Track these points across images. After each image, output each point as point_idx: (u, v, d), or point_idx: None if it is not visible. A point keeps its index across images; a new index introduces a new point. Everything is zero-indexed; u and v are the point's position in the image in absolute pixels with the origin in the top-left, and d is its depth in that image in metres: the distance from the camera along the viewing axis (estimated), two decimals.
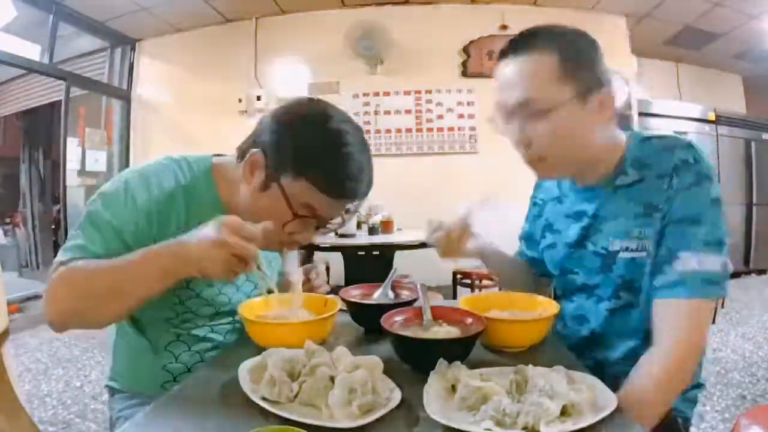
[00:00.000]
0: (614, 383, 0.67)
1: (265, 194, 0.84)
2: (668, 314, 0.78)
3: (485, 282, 3.53)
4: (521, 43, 0.82)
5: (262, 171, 0.83)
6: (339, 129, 0.81)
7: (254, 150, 0.84)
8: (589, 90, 0.80)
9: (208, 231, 0.72)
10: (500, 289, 1.06)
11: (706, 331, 0.79)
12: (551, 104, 0.79)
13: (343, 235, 2.97)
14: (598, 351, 0.94)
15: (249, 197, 0.86)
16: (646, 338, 0.83)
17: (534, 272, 1.14)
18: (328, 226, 0.89)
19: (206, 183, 0.91)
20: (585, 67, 0.80)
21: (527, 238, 1.14)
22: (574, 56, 0.79)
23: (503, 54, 0.84)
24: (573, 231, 0.95)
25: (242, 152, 0.88)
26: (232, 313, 0.98)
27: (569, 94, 0.79)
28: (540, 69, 0.79)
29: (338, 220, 0.89)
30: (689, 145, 0.82)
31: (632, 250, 0.84)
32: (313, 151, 0.80)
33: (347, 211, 0.88)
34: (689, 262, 0.77)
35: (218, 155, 0.98)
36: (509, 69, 0.82)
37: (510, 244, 1.17)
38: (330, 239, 2.94)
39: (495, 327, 0.81)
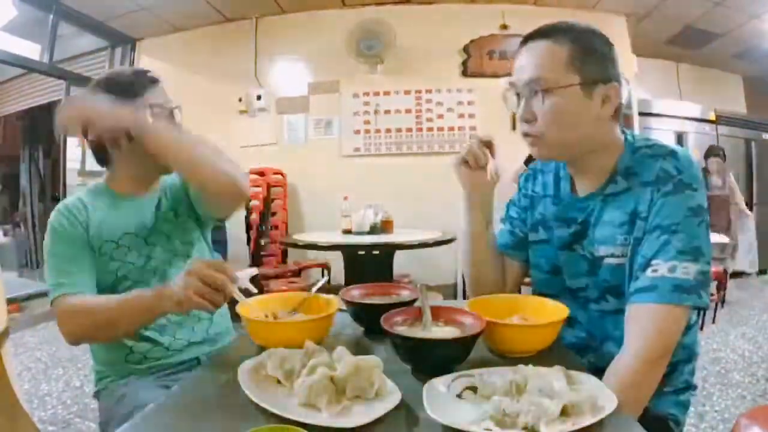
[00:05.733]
0: None
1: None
2: (638, 319, 0.79)
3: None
4: (539, 33, 0.88)
5: None
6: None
7: None
8: (595, 82, 0.84)
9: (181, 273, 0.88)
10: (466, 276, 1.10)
11: (675, 337, 0.79)
12: (556, 85, 0.83)
13: (358, 233, 2.98)
14: (591, 354, 0.94)
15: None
16: None
17: (509, 255, 1.10)
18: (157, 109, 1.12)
19: (101, 188, 1.17)
20: (593, 59, 0.85)
21: (514, 218, 1.11)
22: (585, 48, 0.85)
23: (522, 43, 0.90)
24: (563, 234, 0.97)
25: None
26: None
27: (574, 81, 0.83)
28: (551, 54, 0.85)
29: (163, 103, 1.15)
30: (672, 154, 0.84)
31: (617, 256, 0.87)
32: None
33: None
34: (660, 268, 0.79)
35: None
36: (524, 53, 0.88)
37: None
38: (331, 239, 2.94)
39: (502, 332, 0.80)
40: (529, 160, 2.84)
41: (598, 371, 0.85)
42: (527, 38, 0.89)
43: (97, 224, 1.08)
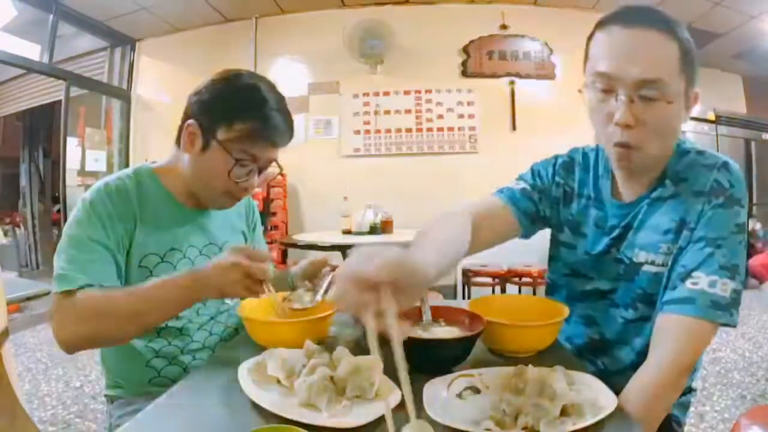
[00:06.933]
0: (615, 391, 0.65)
1: (206, 154, 0.93)
2: (671, 329, 0.75)
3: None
4: (644, 15, 0.75)
5: (200, 136, 0.93)
6: (253, 83, 0.94)
7: (188, 122, 0.94)
8: (692, 85, 0.78)
9: (222, 258, 0.82)
10: None
11: (701, 352, 0.78)
12: (674, 93, 0.74)
13: (358, 233, 2.98)
14: (604, 357, 0.93)
15: (193, 164, 0.96)
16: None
17: (513, 214, 0.97)
18: (269, 170, 1.00)
19: (152, 181, 1.00)
20: (694, 60, 0.77)
21: (539, 190, 0.98)
22: (689, 48, 0.76)
23: (616, 20, 0.77)
24: (601, 243, 0.91)
25: (179, 137, 0.98)
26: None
27: (683, 87, 0.76)
28: (669, 54, 0.74)
29: (275, 168, 1.01)
30: (726, 166, 0.80)
31: (657, 265, 0.83)
32: (238, 101, 0.92)
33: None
34: (701, 281, 0.75)
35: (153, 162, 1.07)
36: (634, 40, 0.74)
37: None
38: (331, 239, 2.94)
39: (502, 332, 0.80)
40: None
41: (611, 375, 0.84)
42: (631, 18, 0.75)
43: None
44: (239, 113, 0.91)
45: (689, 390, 0.96)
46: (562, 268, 0.99)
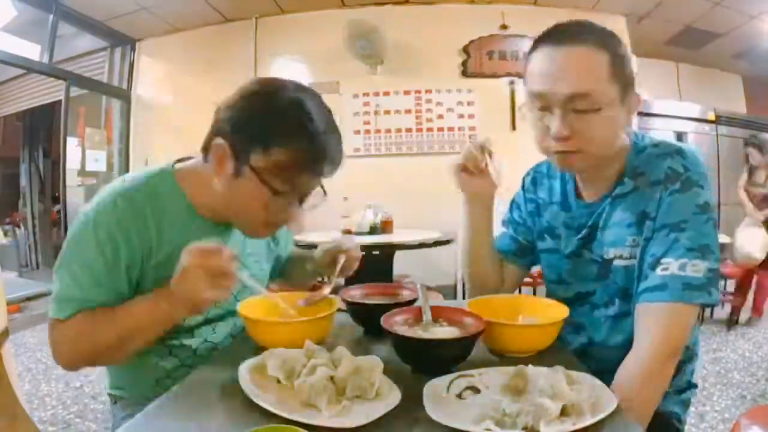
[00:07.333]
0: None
1: (239, 181, 0.80)
2: (648, 318, 0.78)
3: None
4: (572, 33, 0.80)
5: (230, 158, 0.80)
6: (296, 96, 0.80)
7: (217, 140, 0.81)
8: (628, 90, 0.82)
9: (177, 269, 0.75)
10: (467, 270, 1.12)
11: (686, 335, 0.79)
12: (604, 101, 0.78)
13: (358, 233, 2.99)
14: (595, 360, 0.93)
15: (224, 190, 0.82)
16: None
17: (508, 261, 1.11)
18: (310, 200, 0.88)
19: (172, 191, 0.88)
20: (627, 66, 0.82)
21: (518, 223, 1.10)
22: (620, 55, 0.80)
23: (546, 41, 0.82)
24: (572, 242, 0.95)
25: (205, 149, 0.84)
26: (211, 320, 0.99)
27: (616, 93, 0.80)
28: (596, 64, 0.78)
29: (318, 196, 0.89)
30: (680, 152, 0.83)
31: (626, 258, 0.86)
32: (275, 119, 0.78)
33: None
34: (670, 267, 0.77)
35: (180, 160, 0.95)
36: (562, 58, 0.79)
37: None
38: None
39: (502, 332, 0.80)
40: None
41: (602, 375, 0.84)
42: (556, 38, 0.81)
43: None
44: (278, 137, 0.77)
45: (689, 385, 0.96)
46: (549, 275, 1.03)
